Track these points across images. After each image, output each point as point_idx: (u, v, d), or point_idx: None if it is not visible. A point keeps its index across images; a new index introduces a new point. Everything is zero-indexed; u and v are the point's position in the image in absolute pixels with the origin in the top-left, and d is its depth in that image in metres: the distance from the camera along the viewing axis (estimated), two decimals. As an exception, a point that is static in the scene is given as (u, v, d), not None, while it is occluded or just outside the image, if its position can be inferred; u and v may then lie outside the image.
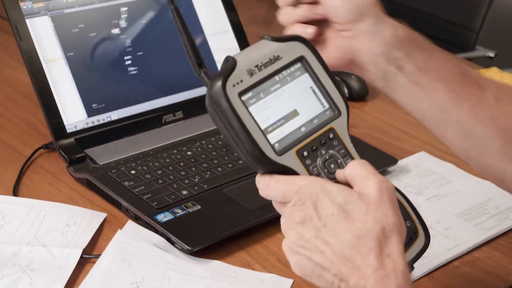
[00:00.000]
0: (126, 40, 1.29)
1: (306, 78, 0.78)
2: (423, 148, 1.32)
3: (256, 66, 0.75)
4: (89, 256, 1.01)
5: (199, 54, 0.80)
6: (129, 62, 1.29)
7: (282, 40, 0.79)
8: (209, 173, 1.17)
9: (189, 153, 1.22)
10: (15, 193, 1.15)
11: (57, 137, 1.20)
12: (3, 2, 1.20)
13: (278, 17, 0.95)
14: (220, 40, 1.41)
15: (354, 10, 0.89)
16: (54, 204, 1.10)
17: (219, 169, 1.18)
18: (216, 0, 1.42)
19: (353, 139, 0.81)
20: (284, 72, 0.77)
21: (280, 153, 0.74)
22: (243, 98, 0.74)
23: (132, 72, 1.29)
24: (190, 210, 1.08)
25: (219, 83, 0.73)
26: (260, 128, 0.74)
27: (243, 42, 1.43)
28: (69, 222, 1.06)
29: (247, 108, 0.73)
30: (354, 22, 0.90)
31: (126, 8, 1.30)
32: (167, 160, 1.20)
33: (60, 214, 1.08)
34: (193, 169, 1.18)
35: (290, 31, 0.93)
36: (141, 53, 1.30)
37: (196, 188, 1.13)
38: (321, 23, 0.93)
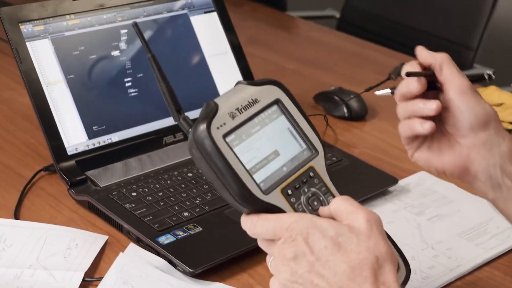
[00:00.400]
0: (126, 62, 1.30)
1: (283, 120, 0.81)
2: (423, 168, 1.32)
3: (237, 109, 0.78)
4: (91, 279, 1.01)
5: (178, 101, 0.81)
6: (129, 84, 1.30)
7: (257, 84, 0.81)
8: (210, 194, 1.17)
9: (190, 174, 1.22)
10: (17, 216, 1.15)
11: (58, 160, 1.20)
12: (3, 25, 1.21)
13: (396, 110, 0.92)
14: (220, 61, 1.41)
15: (481, 118, 0.88)
16: (55, 227, 1.10)
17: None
18: (215, 21, 1.43)
19: (352, 159, 0.83)
20: (262, 115, 0.80)
21: (267, 192, 0.77)
22: (228, 139, 0.76)
23: (132, 94, 1.30)
24: (192, 232, 1.08)
25: (203, 126, 0.75)
26: (246, 168, 0.76)
27: (242, 62, 1.43)
28: (71, 245, 1.06)
29: (232, 149, 0.76)
30: (477, 130, 0.88)
31: (126, 30, 1.31)
32: (168, 181, 1.20)
33: (61, 237, 1.08)
34: (194, 190, 1.18)
35: (408, 125, 0.91)
36: (141, 74, 1.31)
37: (198, 209, 1.13)
38: (438, 120, 0.91)
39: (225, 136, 0.76)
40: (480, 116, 0.88)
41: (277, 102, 0.82)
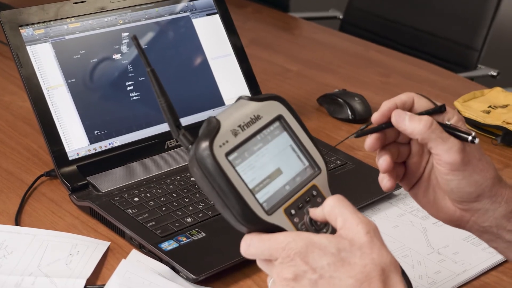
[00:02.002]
0: (127, 65, 1.29)
1: (285, 137, 0.80)
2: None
3: (239, 126, 0.76)
4: (93, 286, 1.00)
5: (177, 116, 0.79)
6: (131, 87, 1.28)
7: (259, 100, 0.79)
8: (213, 199, 1.16)
9: (192, 179, 1.21)
10: (17, 222, 1.13)
11: (59, 165, 1.19)
12: (3, 29, 1.19)
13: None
14: (222, 64, 1.40)
15: (472, 194, 0.84)
16: (56, 233, 1.09)
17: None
18: (218, 23, 1.42)
19: (357, 163, 0.82)
20: (265, 131, 0.78)
21: (270, 212, 0.75)
22: (230, 158, 0.74)
23: (134, 98, 1.29)
24: (195, 238, 1.07)
25: (205, 144, 0.73)
26: (248, 188, 0.74)
27: (245, 65, 1.42)
28: (72, 251, 1.05)
29: (234, 168, 0.74)
30: (468, 202, 0.85)
31: (127, 33, 1.29)
32: (171, 186, 1.19)
33: (63, 243, 1.07)
34: (197, 195, 1.17)
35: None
36: (142, 78, 1.29)
37: (201, 215, 1.12)
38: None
39: (227, 154, 0.74)
40: (472, 192, 0.83)
41: (279, 118, 0.80)
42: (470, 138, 0.79)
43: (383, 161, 0.85)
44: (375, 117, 0.83)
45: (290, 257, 0.72)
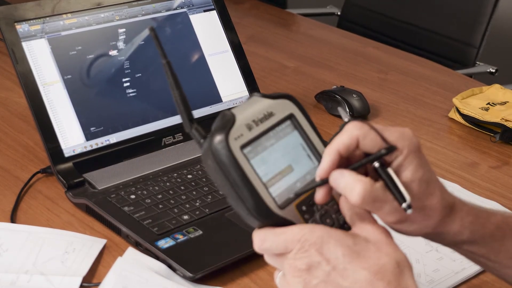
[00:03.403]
0: (124, 62, 1.28)
1: (296, 135, 0.80)
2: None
3: (253, 120, 0.76)
4: (89, 284, 0.99)
5: (190, 110, 0.79)
6: (128, 84, 1.28)
7: (272, 97, 0.79)
8: (210, 197, 1.15)
9: (189, 176, 1.20)
10: (13, 219, 1.13)
11: (55, 162, 1.18)
12: (-1, 25, 1.19)
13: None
14: (220, 60, 1.40)
15: (418, 235, 0.80)
16: (52, 231, 1.08)
17: (221, 192, 1.16)
18: (215, 19, 1.41)
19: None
20: (277, 128, 0.78)
21: (283, 206, 0.75)
22: (245, 151, 0.74)
23: (131, 94, 1.28)
24: (192, 236, 1.06)
25: (221, 136, 0.73)
26: (262, 181, 0.74)
27: (242, 61, 1.42)
28: (68, 249, 1.04)
29: (249, 161, 0.74)
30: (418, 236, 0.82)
31: (124, 30, 1.28)
32: (167, 183, 1.18)
33: (59, 241, 1.06)
34: (194, 193, 1.16)
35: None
36: (139, 74, 1.29)
37: (198, 212, 1.11)
38: None
39: (242, 147, 0.74)
40: (417, 235, 0.80)
41: (290, 117, 0.80)
42: (403, 206, 0.74)
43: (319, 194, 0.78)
44: (319, 174, 0.77)
45: (304, 248, 0.71)
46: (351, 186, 0.73)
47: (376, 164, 0.75)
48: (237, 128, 0.74)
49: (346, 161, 0.77)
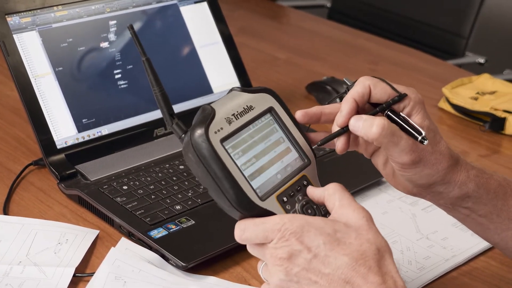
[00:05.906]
0: (115, 54, 1.28)
1: (276, 128, 0.82)
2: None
3: (233, 114, 0.78)
4: (82, 274, 0.99)
5: (171, 105, 0.81)
6: (119, 75, 1.28)
7: (251, 91, 0.81)
8: (202, 187, 1.15)
9: (181, 167, 1.21)
10: (5, 211, 1.13)
11: (47, 154, 1.18)
12: (-11, 18, 1.19)
13: None
14: (210, 52, 1.40)
15: (425, 185, 0.85)
16: (45, 222, 1.09)
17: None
18: (206, 11, 1.41)
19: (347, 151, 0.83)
20: (257, 122, 0.80)
21: (263, 198, 0.76)
22: (225, 144, 0.75)
23: (122, 86, 1.28)
24: (184, 226, 1.07)
25: (201, 130, 0.74)
26: (243, 174, 0.76)
27: (233, 53, 1.42)
28: (61, 240, 1.05)
29: (229, 154, 0.75)
30: (423, 189, 0.86)
31: (115, 22, 1.29)
32: (160, 174, 1.18)
33: (51, 232, 1.06)
34: (186, 183, 1.16)
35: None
36: (130, 66, 1.29)
37: (190, 202, 1.12)
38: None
39: (222, 141, 0.75)
40: (424, 184, 0.85)
41: (270, 110, 0.82)
42: (419, 138, 0.79)
43: (340, 143, 0.84)
44: (340, 121, 0.82)
45: (285, 238, 0.72)
46: (370, 123, 0.78)
47: (389, 111, 0.81)
48: (217, 122, 0.76)
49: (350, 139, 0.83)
